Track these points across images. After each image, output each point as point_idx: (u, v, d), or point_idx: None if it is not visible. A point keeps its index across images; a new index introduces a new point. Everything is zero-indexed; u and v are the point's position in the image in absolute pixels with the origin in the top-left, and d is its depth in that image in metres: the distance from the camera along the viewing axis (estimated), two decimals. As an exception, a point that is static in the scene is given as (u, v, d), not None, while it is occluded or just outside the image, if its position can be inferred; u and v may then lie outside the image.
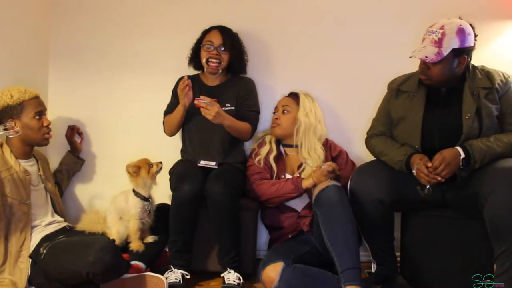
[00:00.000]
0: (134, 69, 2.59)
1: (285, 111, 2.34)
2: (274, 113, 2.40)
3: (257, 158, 2.31)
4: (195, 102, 2.14)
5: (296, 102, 2.35)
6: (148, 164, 2.21)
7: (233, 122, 2.25)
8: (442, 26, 1.91)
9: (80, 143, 2.57)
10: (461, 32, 1.90)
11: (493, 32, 2.47)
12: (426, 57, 1.91)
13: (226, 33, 2.34)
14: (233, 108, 2.35)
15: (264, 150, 2.33)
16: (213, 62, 2.31)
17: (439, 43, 1.90)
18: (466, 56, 1.95)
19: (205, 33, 2.38)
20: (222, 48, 2.31)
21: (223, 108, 2.26)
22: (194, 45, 2.41)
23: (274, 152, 2.32)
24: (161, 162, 2.24)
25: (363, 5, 2.54)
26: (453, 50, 1.90)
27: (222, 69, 2.37)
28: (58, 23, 2.59)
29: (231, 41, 2.34)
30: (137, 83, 2.59)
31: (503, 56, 2.46)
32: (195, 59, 2.42)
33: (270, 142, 2.36)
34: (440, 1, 2.47)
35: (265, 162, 2.31)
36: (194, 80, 2.41)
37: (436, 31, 1.91)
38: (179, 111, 2.28)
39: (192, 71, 2.48)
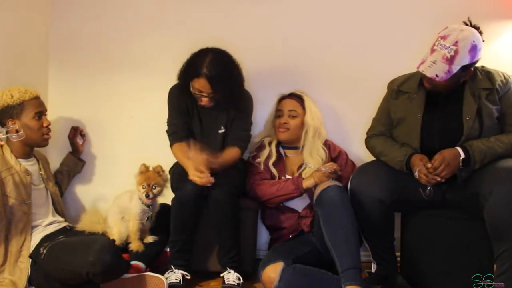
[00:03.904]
0: (134, 69, 2.59)
1: (292, 116, 2.32)
2: (278, 116, 2.35)
3: (257, 160, 2.31)
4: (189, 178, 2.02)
5: (301, 105, 2.34)
6: (147, 182, 2.12)
7: (222, 165, 2.14)
8: (456, 42, 1.84)
9: (82, 144, 2.57)
10: (473, 49, 1.86)
11: (493, 32, 2.46)
12: (437, 75, 1.86)
13: (215, 80, 2.10)
14: (225, 130, 2.30)
15: (264, 154, 2.32)
16: (205, 103, 2.18)
17: (450, 60, 1.84)
18: (472, 68, 1.94)
19: (193, 76, 2.13)
20: (213, 95, 2.15)
21: (219, 131, 2.27)
22: (183, 72, 2.19)
23: (274, 158, 2.31)
24: (148, 196, 2.12)
25: (363, 5, 2.54)
26: (462, 66, 1.87)
27: None
28: (58, 23, 2.59)
29: (221, 87, 2.12)
30: (137, 83, 2.59)
31: (503, 56, 2.46)
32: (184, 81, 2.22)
33: (269, 145, 2.35)
34: (440, 1, 2.47)
35: (265, 164, 2.31)
36: (189, 91, 2.26)
37: (449, 47, 1.84)
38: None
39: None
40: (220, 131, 2.29)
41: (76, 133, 2.54)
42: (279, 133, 2.33)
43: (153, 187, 2.15)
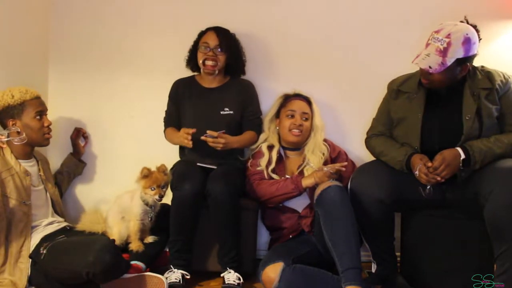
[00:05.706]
0: (134, 69, 2.59)
1: (305, 118, 2.32)
2: (290, 116, 2.31)
3: (258, 169, 2.29)
4: (202, 138, 2.16)
5: (309, 107, 2.35)
6: (156, 183, 2.11)
7: (239, 142, 2.30)
8: (449, 34, 1.87)
9: (84, 146, 2.57)
10: (467, 42, 1.87)
11: (493, 32, 2.46)
12: (430, 67, 1.88)
13: (222, 34, 2.33)
14: (231, 112, 2.34)
15: (263, 161, 2.30)
16: (209, 63, 2.31)
17: (444, 52, 1.86)
18: (468, 64, 1.94)
19: (201, 34, 2.38)
20: (219, 49, 2.31)
21: (222, 112, 2.31)
22: (191, 47, 2.41)
23: (273, 164, 2.29)
24: (161, 196, 2.13)
25: (363, 5, 2.54)
26: (457, 59, 1.88)
27: (220, 70, 2.36)
28: (58, 23, 2.59)
29: (227, 41, 2.33)
30: (137, 83, 2.59)
31: (503, 56, 2.46)
32: (192, 61, 2.42)
33: (268, 150, 2.32)
34: (440, 1, 2.47)
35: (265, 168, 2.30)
36: (191, 82, 2.41)
37: (442, 39, 1.87)
38: (177, 142, 2.33)
39: (190, 72, 2.47)
40: (223, 112, 2.32)
41: (78, 134, 2.54)
42: (291, 135, 2.30)
43: (163, 187, 2.14)
